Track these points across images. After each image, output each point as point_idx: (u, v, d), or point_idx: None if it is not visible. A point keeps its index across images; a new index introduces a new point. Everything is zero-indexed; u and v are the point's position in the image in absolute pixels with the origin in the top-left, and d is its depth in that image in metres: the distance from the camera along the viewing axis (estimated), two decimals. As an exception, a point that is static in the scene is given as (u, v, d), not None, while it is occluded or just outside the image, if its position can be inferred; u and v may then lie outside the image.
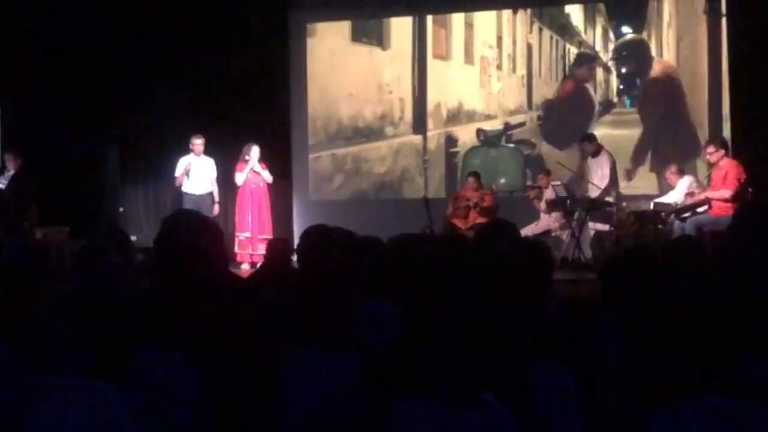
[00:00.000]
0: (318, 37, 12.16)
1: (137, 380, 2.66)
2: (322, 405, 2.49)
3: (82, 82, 11.27)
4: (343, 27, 12.14)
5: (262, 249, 9.66)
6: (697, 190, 9.03)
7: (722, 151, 8.68)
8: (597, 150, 9.86)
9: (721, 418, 2.05)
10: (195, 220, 3.16)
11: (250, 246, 10.43)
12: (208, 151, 10.53)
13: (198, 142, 10.37)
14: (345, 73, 12.07)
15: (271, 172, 10.62)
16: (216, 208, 10.47)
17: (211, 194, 10.52)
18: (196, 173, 10.41)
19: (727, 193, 8.34)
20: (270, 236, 9.93)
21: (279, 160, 11.28)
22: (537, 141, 11.55)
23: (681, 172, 9.67)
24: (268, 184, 10.59)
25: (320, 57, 12.11)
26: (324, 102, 12.13)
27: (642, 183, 10.93)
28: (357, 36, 12.10)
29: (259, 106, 11.48)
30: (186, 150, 10.44)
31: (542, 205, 10.29)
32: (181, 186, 10.43)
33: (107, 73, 11.36)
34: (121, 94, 11.36)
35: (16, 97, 11.08)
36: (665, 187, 9.98)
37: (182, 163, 10.39)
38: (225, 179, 10.74)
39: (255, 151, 10.40)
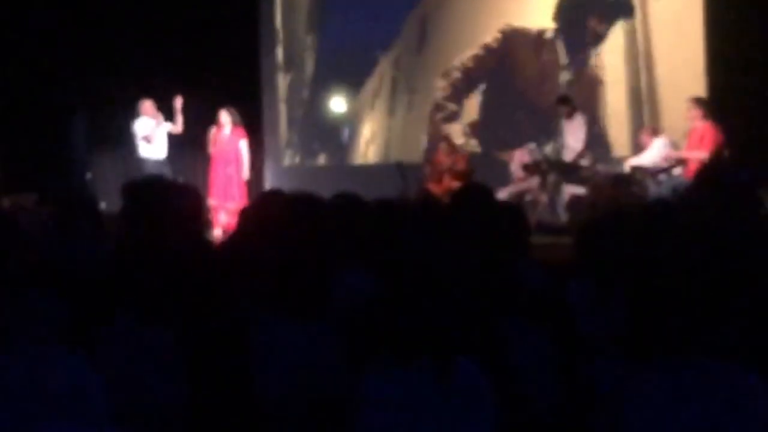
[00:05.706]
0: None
1: (109, 350, 2.62)
2: (296, 377, 2.46)
3: (49, 46, 11.07)
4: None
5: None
6: (672, 150, 9.01)
7: (701, 111, 8.65)
8: (571, 112, 9.63)
9: (699, 379, 2.06)
10: (174, 188, 3.07)
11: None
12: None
13: (147, 104, 10.26)
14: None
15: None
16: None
17: (169, 159, 10.46)
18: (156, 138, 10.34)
19: (703, 155, 8.34)
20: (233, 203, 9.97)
21: (250, 123, 11.19)
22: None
23: (655, 133, 9.65)
24: (238, 151, 10.47)
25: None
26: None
27: (617, 145, 10.92)
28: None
29: (230, 68, 11.35)
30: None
31: (514, 167, 10.19)
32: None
33: (75, 37, 11.16)
34: (89, 58, 11.18)
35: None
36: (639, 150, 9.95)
37: (144, 124, 10.27)
38: (195, 143, 10.65)
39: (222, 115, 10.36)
